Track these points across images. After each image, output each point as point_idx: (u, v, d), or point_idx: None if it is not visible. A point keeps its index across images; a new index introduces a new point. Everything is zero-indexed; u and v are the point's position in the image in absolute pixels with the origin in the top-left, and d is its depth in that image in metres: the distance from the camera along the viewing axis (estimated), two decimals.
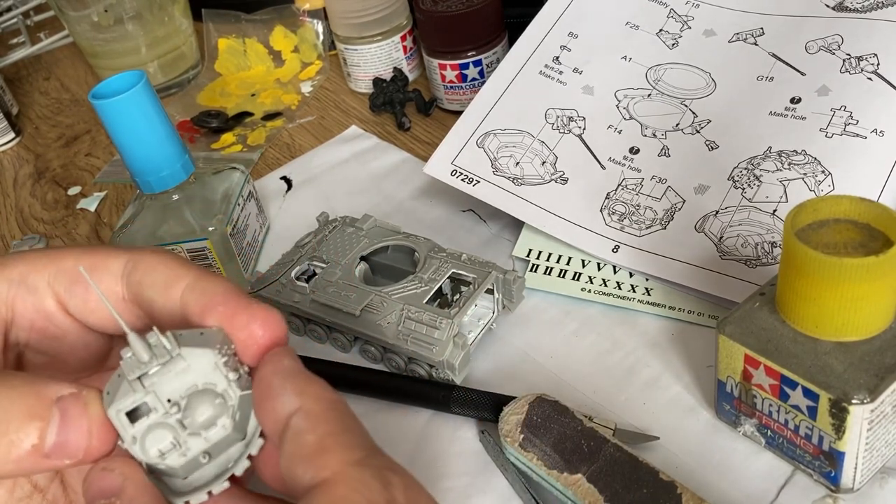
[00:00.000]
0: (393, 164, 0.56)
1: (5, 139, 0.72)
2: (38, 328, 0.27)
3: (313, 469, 0.22)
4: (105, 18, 0.70)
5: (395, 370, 0.40)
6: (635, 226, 0.43)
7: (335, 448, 0.22)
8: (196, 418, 0.23)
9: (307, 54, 0.73)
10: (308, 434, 0.23)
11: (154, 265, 0.26)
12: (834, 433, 0.29)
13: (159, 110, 0.43)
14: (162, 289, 0.25)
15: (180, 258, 0.26)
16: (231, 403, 0.24)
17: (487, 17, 0.56)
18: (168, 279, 0.25)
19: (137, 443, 0.23)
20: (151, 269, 0.26)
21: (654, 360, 0.38)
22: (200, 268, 0.26)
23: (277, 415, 0.23)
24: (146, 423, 0.23)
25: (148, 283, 0.25)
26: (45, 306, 0.27)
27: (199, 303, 0.25)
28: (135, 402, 0.23)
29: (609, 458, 0.32)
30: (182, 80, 0.74)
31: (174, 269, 0.25)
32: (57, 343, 0.28)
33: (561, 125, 0.48)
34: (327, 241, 0.44)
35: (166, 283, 0.25)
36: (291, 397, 0.23)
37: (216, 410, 0.24)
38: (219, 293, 0.25)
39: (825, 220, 0.30)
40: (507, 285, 0.40)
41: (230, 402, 0.24)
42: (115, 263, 0.26)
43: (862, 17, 0.45)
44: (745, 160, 0.43)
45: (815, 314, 0.29)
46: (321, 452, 0.22)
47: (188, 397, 0.23)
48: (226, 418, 0.24)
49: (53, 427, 0.23)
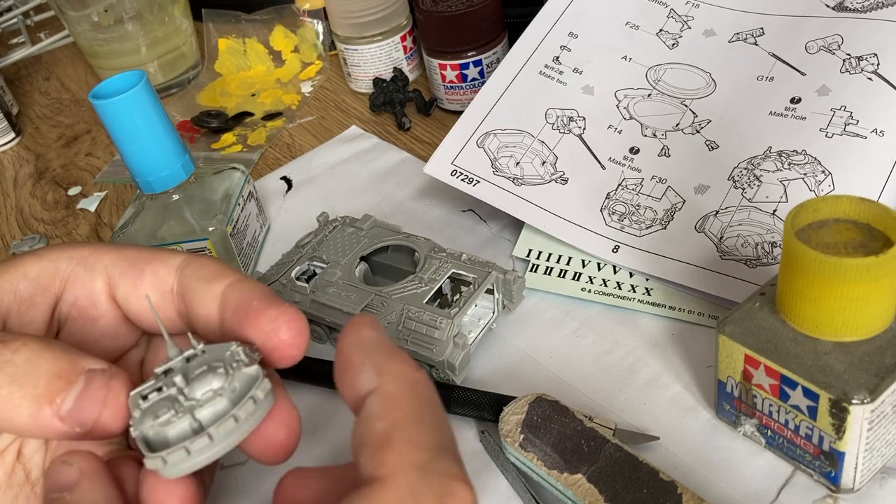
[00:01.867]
0: (393, 164, 0.56)
1: (5, 139, 0.72)
2: (79, 306, 0.29)
3: (374, 462, 0.21)
4: (105, 18, 0.70)
5: None
6: (635, 226, 0.43)
7: (400, 444, 0.21)
8: (196, 392, 0.24)
9: (307, 54, 0.73)
10: (378, 421, 0.22)
11: (206, 263, 0.28)
12: (834, 433, 0.29)
13: (159, 110, 0.42)
14: (207, 282, 0.27)
15: (230, 265, 0.29)
16: (234, 384, 0.24)
17: (487, 17, 0.56)
18: (215, 274, 0.27)
19: (140, 415, 0.24)
20: (203, 265, 0.28)
21: (654, 360, 0.38)
22: (244, 274, 0.28)
23: (356, 392, 0.23)
24: (154, 398, 0.24)
25: (196, 276, 0.27)
26: (93, 286, 0.28)
27: (236, 297, 0.26)
28: (152, 387, 0.24)
29: (609, 458, 0.32)
30: (182, 80, 0.74)
31: (222, 269, 0.28)
32: (90, 326, 0.29)
33: (561, 125, 0.48)
34: (327, 241, 0.44)
35: (212, 277, 0.27)
36: (370, 375, 0.23)
37: (217, 383, 0.24)
38: (256, 292, 0.26)
39: (825, 220, 0.30)
40: (507, 285, 0.40)
41: (232, 382, 0.24)
42: (174, 258, 0.28)
43: (862, 17, 0.45)
44: (745, 160, 0.43)
45: (815, 314, 0.29)
46: (385, 445, 0.21)
47: (195, 376, 0.24)
48: (224, 397, 0.24)
49: (75, 391, 0.24)
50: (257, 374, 0.25)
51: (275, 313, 0.26)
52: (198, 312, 0.27)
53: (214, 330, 0.27)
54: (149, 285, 0.28)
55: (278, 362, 0.26)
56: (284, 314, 0.26)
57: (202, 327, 0.27)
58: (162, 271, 0.28)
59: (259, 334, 0.25)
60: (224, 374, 0.24)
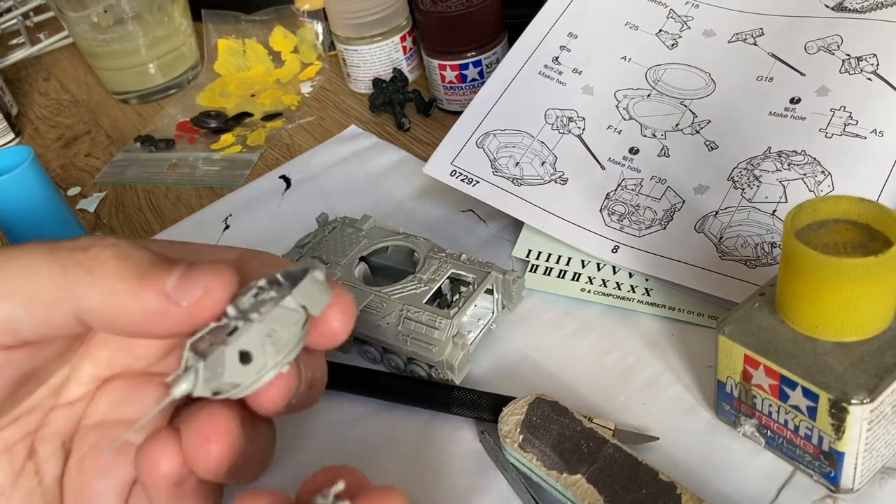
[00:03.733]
0: (392, 163, 0.56)
1: (5, 140, 0.72)
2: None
3: None
4: (105, 19, 0.70)
5: (394, 371, 0.40)
6: (635, 226, 0.43)
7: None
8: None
9: (307, 55, 0.73)
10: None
11: (259, 253, 0.28)
12: (834, 433, 0.29)
13: (49, 187, 0.39)
14: (269, 269, 0.27)
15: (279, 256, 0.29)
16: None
17: (487, 17, 0.56)
18: (272, 263, 0.27)
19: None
20: (256, 254, 0.28)
21: (654, 360, 0.38)
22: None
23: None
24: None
25: (258, 263, 0.27)
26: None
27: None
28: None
29: (609, 459, 0.32)
30: (182, 81, 0.74)
31: (276, 259, 0.28)
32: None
33: (560, 125, 0.48)
34: (327, 241, 0.44)
35: (271, 265, 0.27)
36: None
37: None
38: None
39: (825, 221, 0.30)
40: (507, 285, 0.40)
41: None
42: (230, 253, 0.28)
43: (861, 17, 0.45)
44: (744, 160, 0.43)
45: (814, 314, 0.29)
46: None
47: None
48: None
49: (178, 271, 0.24)
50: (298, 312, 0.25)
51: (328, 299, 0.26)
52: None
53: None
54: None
55: (320, 345, 0.26)
56: (338, 302, 0.25)
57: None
58: (222, 254, 0.28)
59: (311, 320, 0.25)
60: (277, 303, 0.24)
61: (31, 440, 0.26)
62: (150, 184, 0.62)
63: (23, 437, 0.26)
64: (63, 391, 0.27)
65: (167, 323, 0.24)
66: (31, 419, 0.26)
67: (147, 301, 0.23)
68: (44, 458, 0.26)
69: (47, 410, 0.27)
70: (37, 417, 0.27)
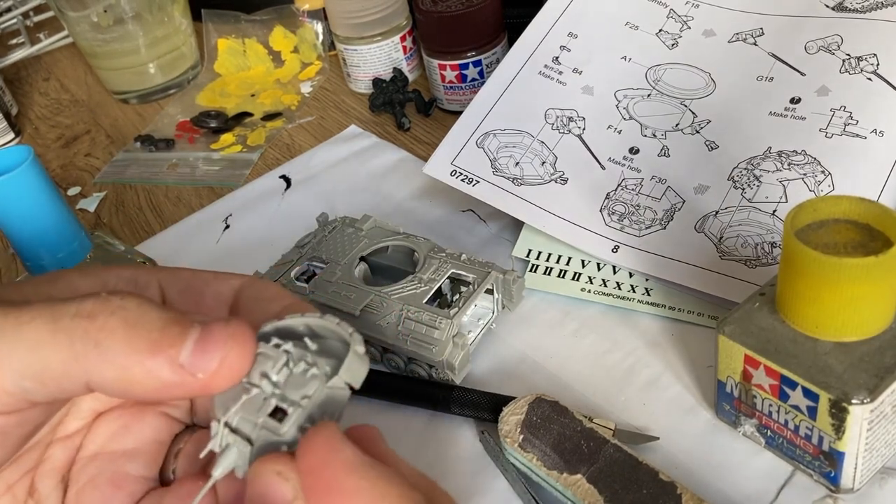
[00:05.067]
0: (392, 163, 0.56)
1: (5, 139, 0.72)
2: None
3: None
4: (105, 19, 0.70)
5: (394, 370, 0.40)
6: (635, 226, 0.43)
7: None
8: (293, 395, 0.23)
9: (307, 55, 0.73)
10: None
11: (267, 285, 0.27)
12: (834, 433, 0.29)
13: (49, 187, 0.39)
14: (267, 303, 0.26)
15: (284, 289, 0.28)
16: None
17: (487, 17, 0.56)
18: (274, 295, 0.27)
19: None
20: (263, 287, 0.27)
21: (654, 361, 0.38)
22: (298, 297, 0.28)
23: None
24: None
25: (256, 297, 0.27)
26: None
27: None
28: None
29: (609, 459, 0.32)
30: (182, 81, 0.74)
31: (280, 291, 0.27)
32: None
33: (561, 125, 0.48)
34: (327, 241, 0.44)
35: (272, 297, 0.27)
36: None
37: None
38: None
39: (825, 221, 0.30)
40: (507, 285, 0.40)
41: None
42: (234, 279, 0.28)
43: (861, 17, 0.45)
44: (744, 160, 0.43)
45: (814, 314, 0.29)
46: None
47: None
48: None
49: (193, 336, 0.22)
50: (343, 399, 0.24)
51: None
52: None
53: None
54: (209, 306, 0.27)
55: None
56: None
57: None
58: (224, 293, 0.27)
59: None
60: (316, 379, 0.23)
61: (31, 477, 0.26)
62: (150, 184, 0.62)
63: (23, 476, 0.26)
64: (61, 425, 0.27)
65: (183, 392, 0.23)
66: (31, 456, 0.26)
67: (161, 374, 0.22)
68: (44, 495, 0.26)
69: (45, 446, 0.27)
70: (36, 454, 0.26)
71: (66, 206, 0.41)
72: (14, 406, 0.23)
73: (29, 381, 0.22)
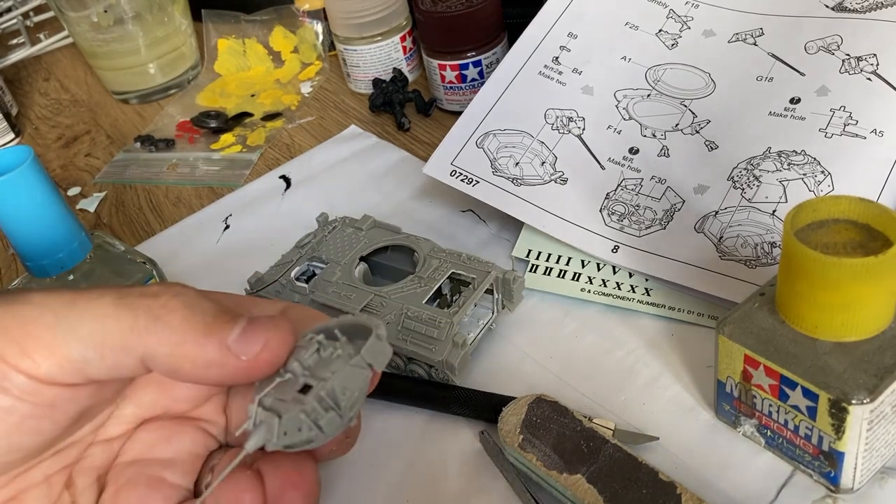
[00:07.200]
0: (392, 163, 0.56)
1: (5, 140, 0.72)
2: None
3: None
4: (105, 19, 0.70)
5: (394, 370, 0.40)
6: (635, 226, 0.43)
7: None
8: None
9: (307, 55, 0.73)
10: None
11: (308, 309, 0.30)
12: (833, 433, 0.29)
13: (49, 187, 0.39)
14: (309, 320, 0.29)
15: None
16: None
17: (487, 17, 0.56)
18: (315, 317, 0.29)
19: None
20: (305, 309, 0.30)
21: (654, 360, 0.38)
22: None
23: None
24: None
25: (299, 316, 0.29)
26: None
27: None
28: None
29: (608, 459, 0.32)
30: (182, 81, 0.74)
31: (319, 314, 0.30)
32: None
33: (560, 125, 0.48)
34: (327, 241, 0.44)
35: (314, 317, 0.29)
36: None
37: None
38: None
39: (824, 221, 0.30)
40: (507, 285, 0.40)
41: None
42: (276, 305, 0.29)
43: (861, 17, 0.45)
44: (744, 160, 0.43)
45: (814, 314, 0.29)
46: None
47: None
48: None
49: (241, 324, 0.25)
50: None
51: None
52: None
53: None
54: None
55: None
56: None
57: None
58: (270, 312, 0.28)
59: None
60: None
61: (70, 472, 0.27)
62: (150, 184, 0.62)
63: (62, 469, 0.27)
64: (103, 428, 0.28)
65: (223, 373, 0.25)
66: (71, 452, 0.27)
67: (209, 352, 0.24)
68: (80, 490, 0.27)
69: (86, 445, 0.28)
70: (77, 451, 0.27)
71: (66, 207, 0.41)
72: (71, 377, 0.24)
73: (91, 351, 0.24)
